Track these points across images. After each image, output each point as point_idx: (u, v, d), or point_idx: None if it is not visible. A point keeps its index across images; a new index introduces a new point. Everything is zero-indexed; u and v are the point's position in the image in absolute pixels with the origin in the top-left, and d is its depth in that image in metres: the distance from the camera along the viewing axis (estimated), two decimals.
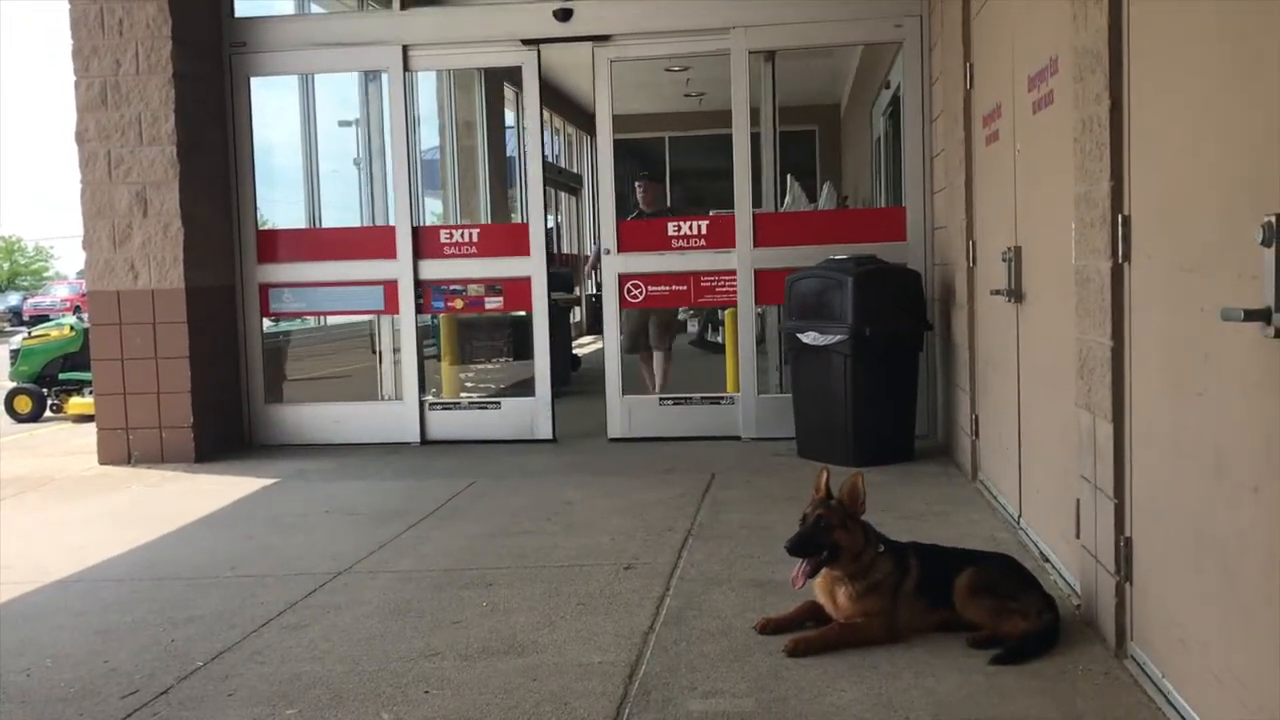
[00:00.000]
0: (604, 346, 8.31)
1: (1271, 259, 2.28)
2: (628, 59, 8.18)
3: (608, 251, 8.13)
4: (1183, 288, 2.95)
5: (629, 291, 8.11)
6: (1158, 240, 3.18)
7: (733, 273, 7.96)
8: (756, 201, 8.04)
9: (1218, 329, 2.58)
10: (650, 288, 8.10)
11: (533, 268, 8.16)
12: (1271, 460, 2.41)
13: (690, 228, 8.05)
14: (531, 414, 8.24)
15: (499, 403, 8.48)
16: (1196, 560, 2.90)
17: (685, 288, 8.07)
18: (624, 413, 8.14)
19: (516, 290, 8.22)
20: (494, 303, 8.32)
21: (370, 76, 9.53)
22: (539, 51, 8.14)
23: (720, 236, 8.02)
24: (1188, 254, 2.93)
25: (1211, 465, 2.76)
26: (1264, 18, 2.46)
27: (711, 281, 8.04)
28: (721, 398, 8.12)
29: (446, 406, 8.44)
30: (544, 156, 8.60)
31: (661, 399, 8.33)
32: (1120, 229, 3.40)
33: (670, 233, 8.08)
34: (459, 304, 8.31)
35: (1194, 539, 2.92)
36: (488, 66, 10.78)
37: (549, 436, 8.16)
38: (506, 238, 8.56)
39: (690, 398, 8.19)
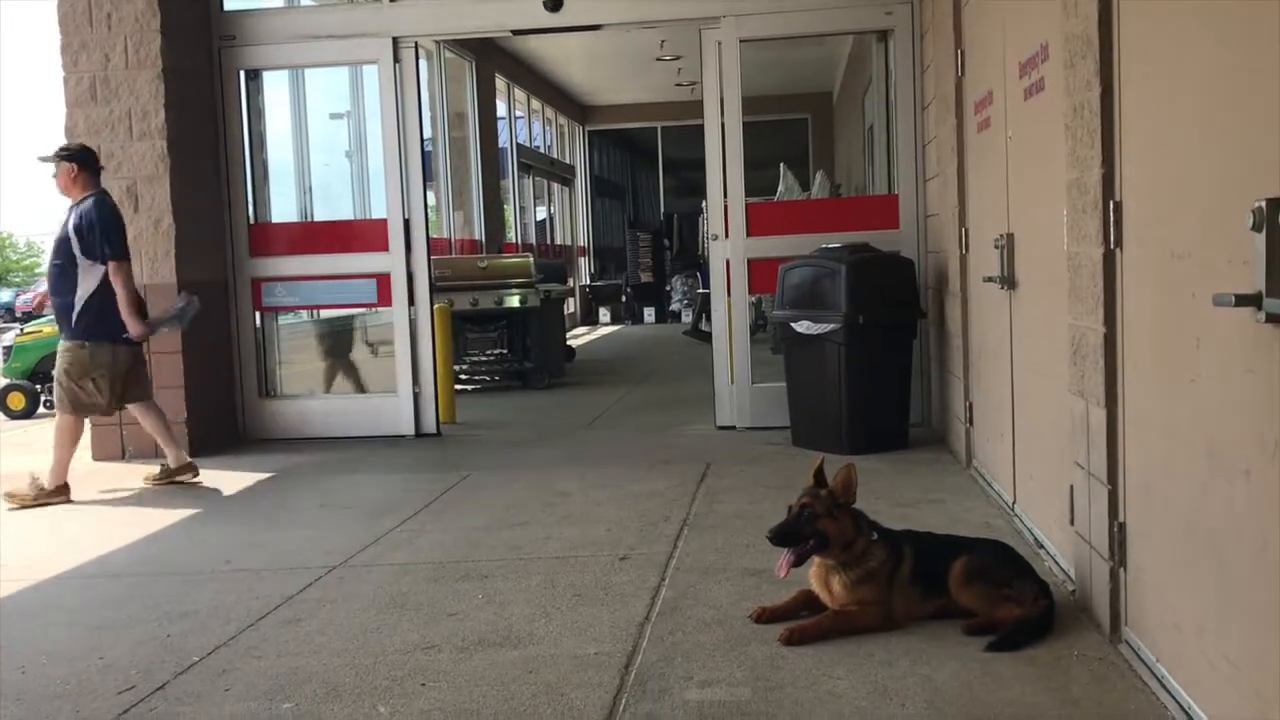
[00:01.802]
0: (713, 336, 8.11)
1: (1262, 244, 2.27)
2: (754, 39, 7.93)
3: (715, 237, 7.96)
4: (1174, 273, 2.95)
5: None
6: (1149, 226, 3.18)
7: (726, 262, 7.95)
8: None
9: (1209, 314, 2.58)
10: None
11: (392, 263, 8.15)
12: (1263, 445, 2.41)
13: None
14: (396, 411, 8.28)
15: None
16: (1190, 545, 2.91)
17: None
18: (736, 399, 7.96)
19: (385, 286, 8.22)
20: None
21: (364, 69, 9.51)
22: (393, 41, 8.04)
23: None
24: (1179, 240, 2.93)
25: (1204, 450, 2.77)
26: (1254, 3, 2.45)
27: None
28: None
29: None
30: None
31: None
32: (1112, 215, 3.40)
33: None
34: None
35: (1187, 524, 2.92)
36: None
37: (411, 433, 8.19)
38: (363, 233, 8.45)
39: None
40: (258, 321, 8.48)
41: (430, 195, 13.33)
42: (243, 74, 8.32)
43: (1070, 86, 3.73)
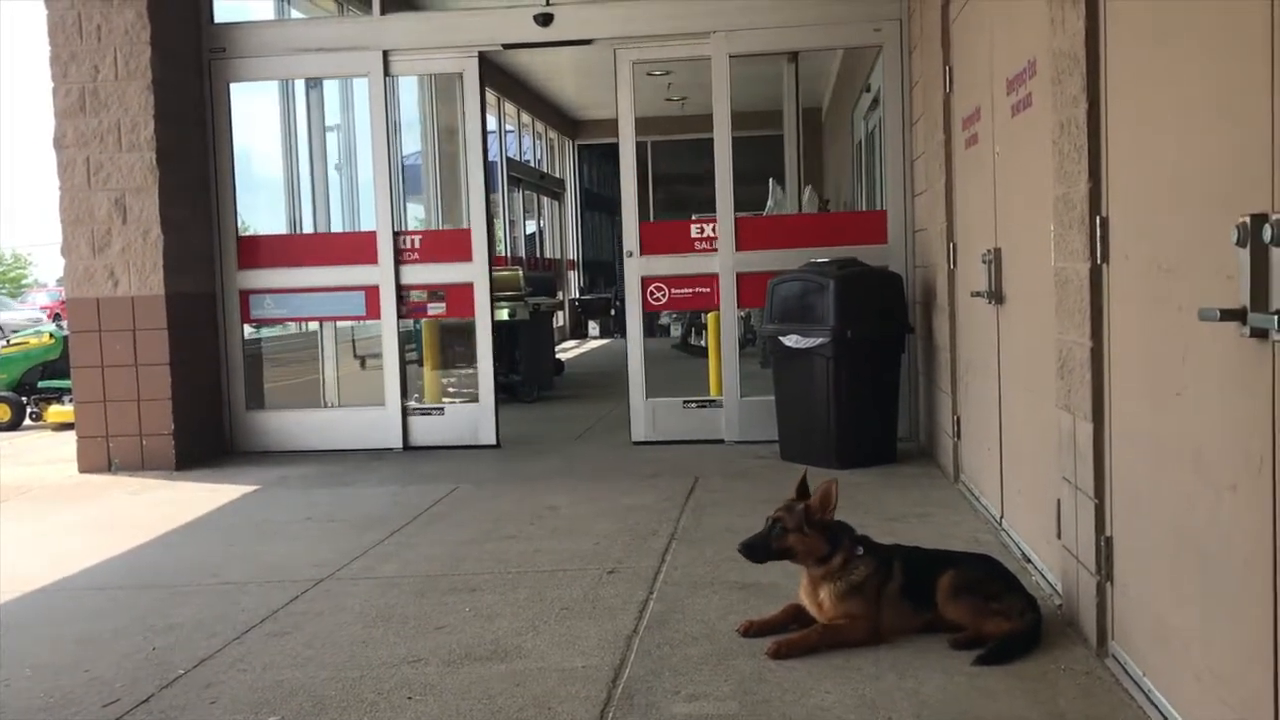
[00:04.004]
0: (628, 351, 8.21)
1: (1247, 259, 2.29)
2: (646, 60, 8.10)
3: (630, 254, 8.09)
4: (1160, 288, 2.97)
5: (651, 295, 8.10)
6: (1136, 241, 3.20)
7: (715, 276, 7.99)
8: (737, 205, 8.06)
9: (1195, 329, 2.60)
10: (673, 290, 8.09)
11: (475, 273, 8.17)
12: (1249, 459, 2.43)
13: (716, 229, 8.02)
14: (475, 419, 8.26)
15: (442, 408, 8.45)
16: (1176, 559, 2.92)
17: (709, 290, 8.04)
18: (648, 415, 8.11)
19: (458, 296, 8.23)
20: (436, 309, 8.35)
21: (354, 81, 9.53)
22: (479, 57, 8.13)
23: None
24: (1165, 255, 2.94)
25: (1190, 464, 2.78)
26: (1239, 21, 2.48)
27: (748, 281, 8.04)
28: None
29: (426, 411, 8.43)
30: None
31: (685, 402, 8.18)
32: (1098, 230, 3.42)
33: (693, 235, 8.10)
34: (401, 310, 8.33)
35: (1174, 538, 2.93)
36: (448, 72, 10.60)
37: (492, 442, 8.19)
38: (450, 243, 8.52)
39: (714, 400, 8.14)
40: (246, 333, 8.49)
41: (420, 209, 13.38)
42: (232, 86, 8.32)
43: (1057, 102, 3.75)
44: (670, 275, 8.06)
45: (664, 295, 8.10)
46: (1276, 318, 2.21)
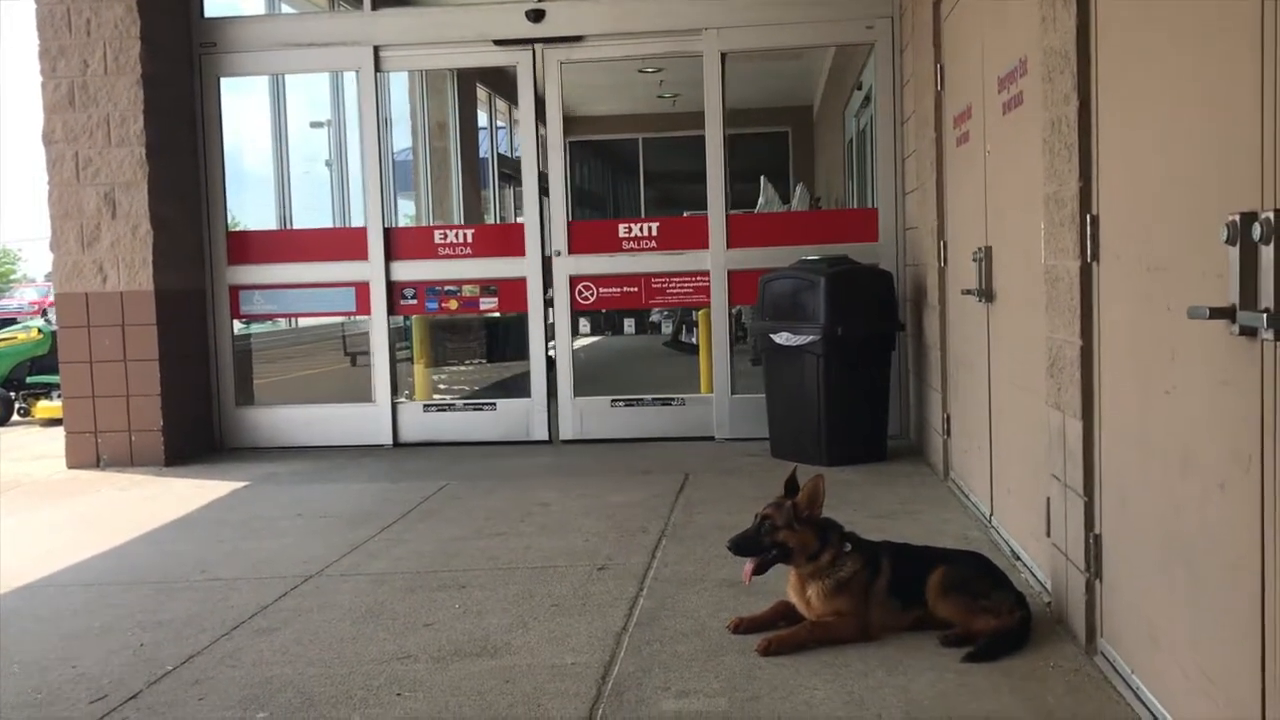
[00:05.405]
0: (555, 348, 8.29)
1: (1236, 257, 2.29)
2: (575, 60, 8.18)
3: (557, 253, 8.11)
4: (1150, 286, 2.97)
5: (580, 294, 8.12)
6: (1125, 240, 3.20)
7: (706, 273, 7.99)
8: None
9: (1184, 327, 2.60)
10: (601, 289, 8.11)
11: (528, 268, 8.16)
12: (1237, 457, 2.43)
13: (644, 229, 8.07)
14: (527, 415, 8.24)
15: (494, 404, 8.41)
16: (1165, 557, 2.93)
17: (636, 289, 8.10)
18: (575, 414, 8.16)
19: (511, 291, 8.22)
20: (489, 303, 8.34)
21: (345, 77, 9.53)
22: (534, 51, 8.13)
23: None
24: (1155, 253, 2.95)
25: (1179, 462, 2.79)
26: (1229, 20, 2.48)
27: (676, 282, 8.06)
28: (687, 398, 8.17)
29: (441, 408, 8.43)
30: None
31: (614, 400, 8.27)
32: (1089, 229, 3.43)
33: (621, 234, 8.13)
34: (454, 305, 8.32)
35: (1163, 536, 2.94)
36: (462, 67, 10.73)
37: (544, 438, 8.17)
38: (500, 238, 8.56)
39: (642, 399, 8.20)
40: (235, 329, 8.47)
41: (410, 204, 13.35)
42: (222, 81, 8.30)
43: (1048, 101, 3.76)
44: (598, 275, 8.10)
45: (592, 294, 8.12)
46: (1265, 316, 2.21)
